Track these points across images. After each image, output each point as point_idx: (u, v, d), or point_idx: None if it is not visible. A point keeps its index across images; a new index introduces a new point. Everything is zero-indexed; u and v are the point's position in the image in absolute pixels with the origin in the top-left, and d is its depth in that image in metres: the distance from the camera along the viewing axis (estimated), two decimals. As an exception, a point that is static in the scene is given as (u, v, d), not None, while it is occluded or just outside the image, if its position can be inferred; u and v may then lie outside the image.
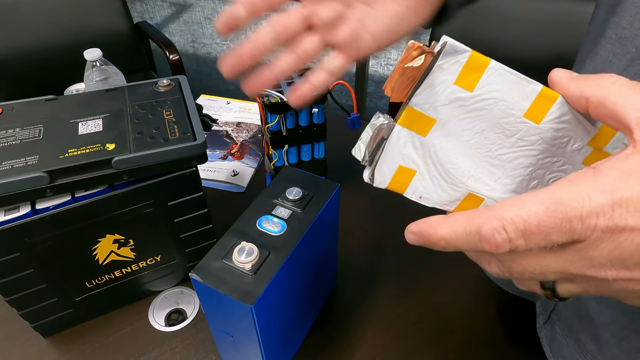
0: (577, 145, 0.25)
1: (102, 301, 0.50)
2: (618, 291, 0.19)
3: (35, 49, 1.31)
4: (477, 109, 0.24)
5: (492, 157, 0.26)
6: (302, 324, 0.48)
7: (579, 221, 0.18)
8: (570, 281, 0.21)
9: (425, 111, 0.25)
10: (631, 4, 0.30)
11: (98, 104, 0.47)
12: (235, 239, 0.37)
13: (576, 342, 0.38)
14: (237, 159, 0.73)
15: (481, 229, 0.19)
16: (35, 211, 0.40)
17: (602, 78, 0.21)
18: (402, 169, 0.26)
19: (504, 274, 0.22)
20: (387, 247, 0.60)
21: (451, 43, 0.23)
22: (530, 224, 0.18)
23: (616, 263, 0.18)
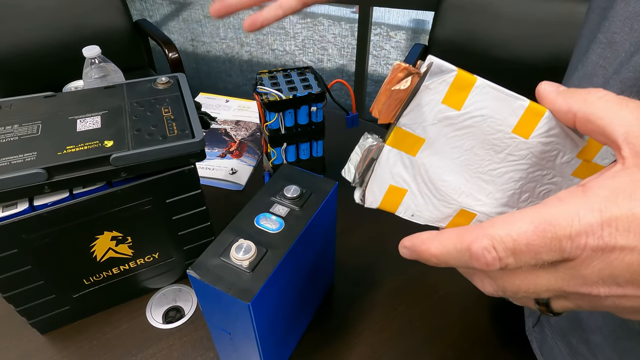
0: (567, 158, 0.25)
1: (100, 298, 0.50)
2: (611, 307, 0.20)
3: (35, 45, 1.31)
4: (465, 127, 0.24)
5: (482, 173, 0.26)
6: (300, 322, 0.48)
7: (568, 240, 0.18)
8: (564, 298, 0.21)
9: (413, 131, 0.25)
10: (621, 9, 0.31)
11: (96, 101, 0.47)
12: (233, 236, 0.37)
13: (567, 346, 0.38)
14: (235, 157, 0.73)
15: (471, 247, 0.20)
16: (33, 208, 0.40)
17: (589, 93, 0.21)
18: (393, 188, 0.26)
19: (497, 293, 0.22)
20: (385, 246, 0.60)
21: (437, 63, 0.23)
22: (519, 243, 0.19)
23: (608, 281, 0.18)
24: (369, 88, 1.89)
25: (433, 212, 0.27)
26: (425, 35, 1.65)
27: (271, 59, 2.03)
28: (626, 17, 0.30)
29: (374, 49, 1.83)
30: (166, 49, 1.39)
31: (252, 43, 2.01)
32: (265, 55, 2.03)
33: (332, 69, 1.96)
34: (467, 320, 0.51)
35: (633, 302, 0.19)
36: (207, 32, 2.05)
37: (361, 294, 0.54)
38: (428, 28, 1.52)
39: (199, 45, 2.10)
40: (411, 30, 1.76)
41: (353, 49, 1.85)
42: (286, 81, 0.57)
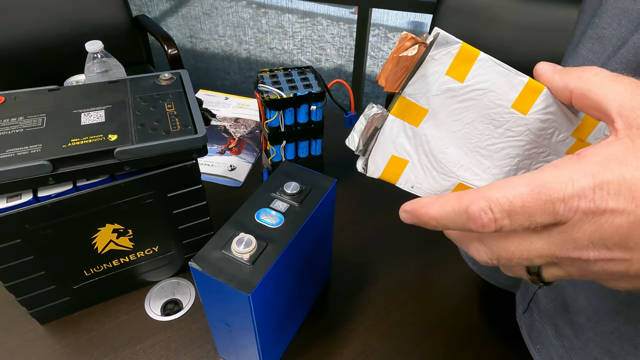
0: (562, 136, 0.26)
1: (100, 290, 0.51)
2: (599, 272, 0.20)
3: (35, 39, 1.31)
4: (467, 100, 0.25)
5: (481, 148, 0.27)
6: (296, 316, 0.49)
7: (561, 203, 0.19)
8: (556, 265, 0.22)
9: (417, 101, 0.25)
10: (611, 6, 0.32)
11: (100, 95, 0.48)
12: (234, 230, 0.38)
13: (553, 328, 0.39)
14: (234, 154, 0.74)
15: (469, 209, 0.20)
16: (37, 199, 0.41)
17: (585, 70, 0.22)
18: (394, 158, 0.27)
19: (492, 261, 0.23)
20: (381, 244, 0.61)
21: (443, 34, 0.24)
22: (515, 205, 0.19)
23: (597, 244, 0.19)
24: (366, 89, 1.91)
25: (432, 185, 0.28)
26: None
27: (269, 58, 2.04)
28: (615, 14, 0.32)
29: (372, 50, 1.84)
30: (165, 45, 1.39)
31: (251, 41, 2.02)
32: (264, 53, 2.03)
33: (330, 69, 1.97)
34: (460, 316, 0.53)
35: (620, 266, 0.19)
36: (206, 29, 2.05)
37: (357, 289, 0.55)
38: (426, 30, 1.54)
39: (198, 42, 2.11)
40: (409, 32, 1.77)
41: (351, 50, 1.86)
42: (287, 80, 0.58)
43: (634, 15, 0.30)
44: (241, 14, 1.95)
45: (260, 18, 1.93)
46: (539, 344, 0.41)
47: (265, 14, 1.92)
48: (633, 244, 0.19)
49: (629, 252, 0.19)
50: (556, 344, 0.38)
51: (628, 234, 0.18)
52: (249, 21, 1.96)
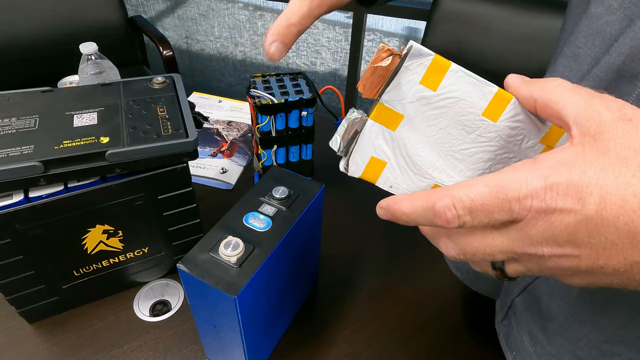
0: (531, 143, 0.28)
1: (89, 290, 0.51)
2: (554, 268, 0.22)
3: (30, 38, 1.31)
4: (440, 107, 0.27)
5: (455, 152, 0.28)
6: (283, 318, 0.50)
7: (516, 202, 0.21)
8: (516, 260, 0.23)
9: (394, 107, 0.27)
10: (585, 27, 0.34)
11: (93, 97, 0.49)
12: (222, 233, 0.39)
13: (529, 335, 0.41)
14: (226, 156, 0.75)
15: (435, 205, 0.22)
16: (28, 199, 0.42)
17: (548, 82, 0.24)
18: (374, 160, 0.29)
19: (459, 256, 0.25)
20: (368, 248, 0.62)
21: (416, 47, 0.26)
22: (475, 203, 0.21)
23: (550, 240, 0.21)
24: (359, 93, 1.92)
25: (409, 185, 0.30)
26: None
27: (264, 60, 2.05)
28: (589, 34, 0.33)
29: (367, 55, 1.86)
30: (160, 46, 1.39)
31: (247, 44, 2.02)
32: (259, 56, 2.04)
33: (325, 73, 1.98)
34: (443, 320, 0.54)
35: (571, 261, 0.21)
36: (202, 30, 2.06)
37: (343, 293, 0.56)
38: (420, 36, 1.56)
39: (193, 43, 2.11)
40: (404, 38, 1.79)
41: (346, 54, 1.88)
42: (279, 85, 0.59)
43: (606, 36, 0.32)
44: (237, 16, 1.96)
45: (257, 20, 1.94)
46: (515, 351, 0.42)
47: (262, 17, 1.93)
48: (580, 241, 0.20)
49: (577, 249, 0.20)
50: (531, 351, 0.39)
51: (576, 232, 0.20)
52: (245, 23, 1.97)
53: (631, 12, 0.30)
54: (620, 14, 0.31)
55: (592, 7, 0.33)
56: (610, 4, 0.32)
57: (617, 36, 0.31)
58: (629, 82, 0.30)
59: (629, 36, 0.29)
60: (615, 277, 0.21)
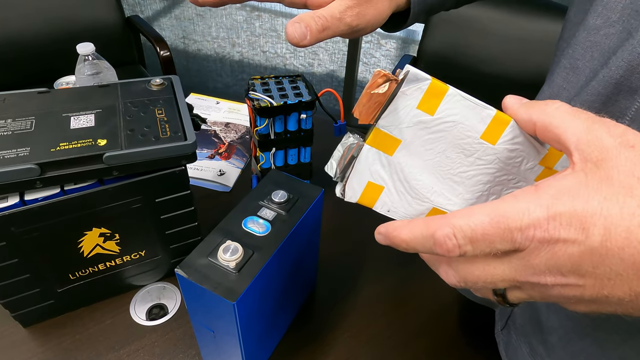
0: (530, 165, 0.27)
1: (85, 293, 0.51)
2: (557, 296, 0.22)
3: (25, 37, 1.30)
4: (438, 131, 0.27)
5: (453, 175, 0.28)
6: (281, 322, 0.49)
7: (519, 232, 0.20)
8: (518, 288, 0.23)
9: (391, 132, 0.27)
10: (583, 39, 0.34)
11: (91, 99, 0.48)
12: (221, 238, 0.38)
13: (528, 346, 0.40)
14: (224, 158, 0.74)
15: (435, 234, 0.22)
16: (24, 202, 0.41)
17: (547, 104, 0.24)
18: (371, 184, 0.28)
19: (460, 284, 0.24)
20: (367, 252, 0.62)
21: (413, 72, 0.25)
22: (476, 232, 0.21)
23: (553, 270, 0.20)
24: (357, 95, 1.92)
25: (407, 209, 0.29)
26: (415, 46, 1.69)
27: (262, 61, 2.04)
28: (587, 46, 0.33)
29: (364, 57, 1.86)
30: (158, 46, 1.39)
31: (244, 44, 2.02)
32: (256, 56, 2.04)
33: (322, 74, 1.98)
34: (442, 326, 0.54)
35: (575, 291, 0.21)
36: (199, 30, 2.05)
37: (341, 297, 0.56)
38: (418, 38, 1.56)
39: (190, 44, 2.10)
40: (401, 40, 1.79)
41: (344, 55, 1.87)
42: (278, 88, 0.58)
43: (605, 49, 0.32)
44: (235, 17, 1.96)
45: (254, 21, 1.94)
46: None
47: (259, 17, 1.92)
48: (584, 272, 0.20)
49: (582, 279, 0.20)
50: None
51: (580, 262, 0.20)
52: (243, 24, 1.97)
53: (630, 25, 0.30)
54: (619, 26, 0.31)
55: (591, 19, 0.33)
56: (609, 17, 0.32)
57: (616, 49, 0.31)
58: (628, 96, 0.30)
59: (628, 50, 0.29)
60: (619, 307, 0.20)
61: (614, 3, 0.31)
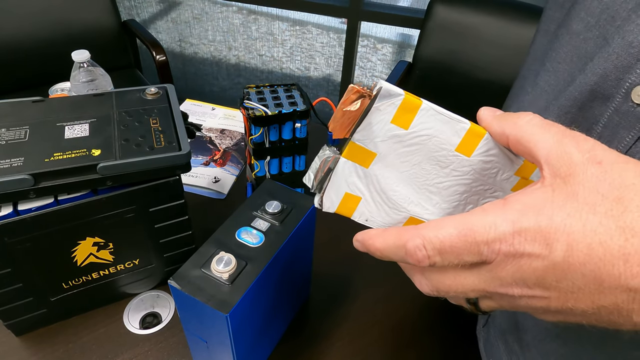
0: (506, 175, 0.28)
1: (78, 302, 0.51)
2: (526, 307, 0.22)
3: (19, 41, 1.30)
4: (413, 144, 0.27)
5: (429, 185, 0.28)
6: (274, 332, 0.50)
7: (485, 245, 0.21)
8: (489, 298, 0.24)
9: (366, 146, 0.27)
10: (566, 42, 0.34)
11: (85, 108, 0.48)
12: (215, 249, 0.38)
13: (504, 344, 0.41)
14: (219, 165, 0.74)
15: (406, 244, 0.23)
16: (17, 212, 0.41)
17: (519, 117, 0.24)
18: (348, 195, 0.29)
19: (433, 292, 0.25)
20: (359, 261, 0.62)
21: (386, 87, 0.26)
22: (444, 244, 0.22)
23: (519, 283, 0.21)
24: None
25: (385, 218, 0.30)
26: (411, 50, 1.70)
27: (258, 65, 2.04)
28: (569, 49, 0.34)
29: (361, 61, 1.86)
30: (154, 51, 1.39)
31: (240, 47, 2.02)
32: (253, 60, 2.04)
33: (319, 78, 1.98)
34: (435, 332, 0.54)
35: (541, 302, 0.21)
36: (195, 33, 2.05)
37: (335, 306, 0.56)
38: (414, 43, 1.57)
39: (187, 47, 2.10)
40: (397, 44, 1.80)
41: (340, 59, 1.88)
42: (272, 97, 0.59)
43: (582, 54, 0.32)
44: (231, 20, 1.96)
45: (251, 24, 1.94)
46: (491, 358, 0.43)
47: (256, 21, 1.93)
48: (548, 285, 0.20)
49: (547, 291, 0.21)
50: (505, 359, 0.40)
51: (544, 276, 0.20)
52: (239, 27, 1.97)
53: (605, 30, 0.30)
54: (595, 31, 0.31)
55: (574, 24, 0.34)
56: (587, 21, 0.32)
57: (593, 55, 0.31)
58: (601, 103, 0.30)
59: (603, 57, 0.29)
60: (584, 318, 0.21)
61: (593, 7, 0.32)
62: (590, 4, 0.32)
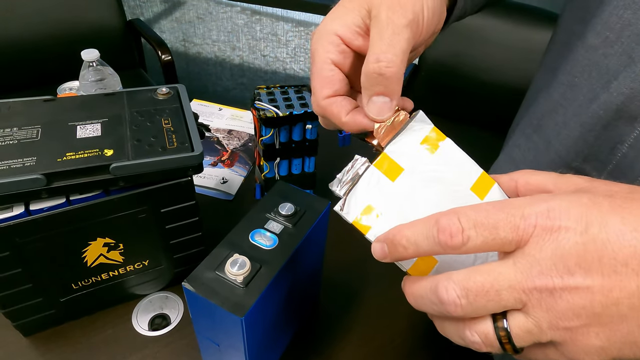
0: None
1: (87, 303, 0.50)
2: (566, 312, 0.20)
3: (26, 40, 1.29)
4: (436, 170, 0.29)
5: None
6: (285, 334, 0.49)
7: (521, 218, 0.21)
8: (522, 310, 0.21)
9: (396, 159, 0.29)
10: (582, 56, 0.34)
11: (97, 108, 0.48)
12: (228, 251, 0.38)
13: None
14: (227, 166, 0.74)
15: (439, 220, 0.22)
16: (29, 212, 0.41)
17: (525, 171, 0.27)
18: (369, 208, 0.29)
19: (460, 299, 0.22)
20: (370, 263, 0.61)
21: (421, 114, 0.29)
22: (480, 215, 0.22)
23: (559, 266, 0.20)
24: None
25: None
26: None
27: (262, 65, 2.04)
28: (586, 64, 0.34)
29: (365, 63, 1.86)
30: (159, 50, 1.39)
31: (244, 48, 2.02)
32: (257, 60, 2.04)
33: (322, 79, 1.98)
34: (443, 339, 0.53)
35: (585, 297, 0.20)
36: (199, 33, 2.05)
37: (345, 308, 0.56)
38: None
39: (191, 47, 2.10)
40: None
41: (344, 61, 1.87)
42: (283, 98, 0.58)
43: (603, 70, 0.32)
44: (235, 20, 1.96)
45: (255, 25, 1.94)
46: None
47: (259, 21, 1.92)
48: (590, 264, 0.20)
49: (589, 276, 0.20)
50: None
51: (585, 252, 0.20)
52: (243, 27, 1.97)
53: (630, 48, 0.30)
54: (618, 47, 0.31)
55: (589, 38, 0.33)
56: (607, 36, 0.32)
57: (616, 72, 0.31)
58: (627, 123, 0.30)
59: (630, 77, 0.29)
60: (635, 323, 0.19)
61: (612, 22, 0.31)
62: (608, 18, 0.32)
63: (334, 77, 0.29)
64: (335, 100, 0.30)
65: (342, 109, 0.29)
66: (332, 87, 0.29)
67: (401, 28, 0.26)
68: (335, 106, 0.29)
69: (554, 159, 0.37)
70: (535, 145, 0.41)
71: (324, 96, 0.29)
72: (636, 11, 0.30)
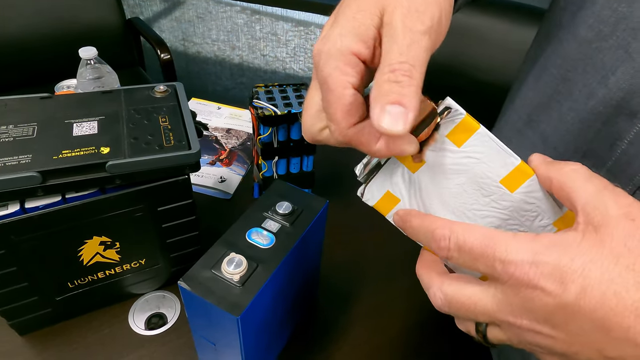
0: (544, 222, 0.28)
1: (83, 301, 0.50)
2: (532, 343, 0.22)
3: (24, 38, 1.29)
4: (461, 164, 0.28)
5: (467, 210, 0.29)
6: (283, 334, 0.49)
7: (500, 263, 0.22)
8: (497, 326, 0.24)
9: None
10: (574, 50, 0.33)
11: (93, 105, 0.48)
12: (225, 250, 0.38)
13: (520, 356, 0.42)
14: (225, 165, 0.74)
15: (435, 231, 0.25)
16: (24, 210, 0.40)
17: (567, 165, 0.25)
18: (389, 194, 0.30)
19: (444, 308, 0.26)
20: (368, 263, 0.61)
21: (449, 102, 0.26)
22: (466, 244, 0.23)
23: (529, 315, 0.21)
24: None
25: None
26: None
27: (262, 65, 2.04)
28: (580, 58, 0.33)
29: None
30: (158, 49, 1.38)
31: (244, 47, 2.02)
32: (256, 60, 2.03)
33: (322, 79, 1.97)
34: (444, 336, 0.53)
35: (547, 341, 0.21)
36: (199, 32, 2.04)
37: (342, 308, 0.55)
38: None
39: (190, 46, 2.10)
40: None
41: (344, 61, 1.87)
42: (282, 96, 0.58)
43: (598, 64, 0.31)
44: (235, 20, 1.95)
45: (254, 24, 1.94)
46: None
47: (259, 21, 1.92)
48: (556, 323, 0.21)
49: (554, 330, 0.21)
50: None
51: (553, 314, 0.20)
52: (243, 27, 1.96)
53: (626, 42, 0.29)
54: (613, 41, 0.30)
55: (581, 31, 0.33)
56: (600, 29, 0.31)
57: (613, 67, 0.30)
58: (627, 119, 0.30)
59: (629, 72, 0.29)
60: None
61: (606, 16, 0.31)
62: (600, 11, 0.31)
63: (357, 101, 0.25)
64: (363, 126, 0.26)
65: (372, 136, 0.25)
66: (357, 114, 0.26)
67: (419, 35, 0.24)
68: (364, 135, 0.25)
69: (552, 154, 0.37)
70: (531, 141, 0.41)
71: (349, 124, 0.25)
72: (631, 4, 0.29)
